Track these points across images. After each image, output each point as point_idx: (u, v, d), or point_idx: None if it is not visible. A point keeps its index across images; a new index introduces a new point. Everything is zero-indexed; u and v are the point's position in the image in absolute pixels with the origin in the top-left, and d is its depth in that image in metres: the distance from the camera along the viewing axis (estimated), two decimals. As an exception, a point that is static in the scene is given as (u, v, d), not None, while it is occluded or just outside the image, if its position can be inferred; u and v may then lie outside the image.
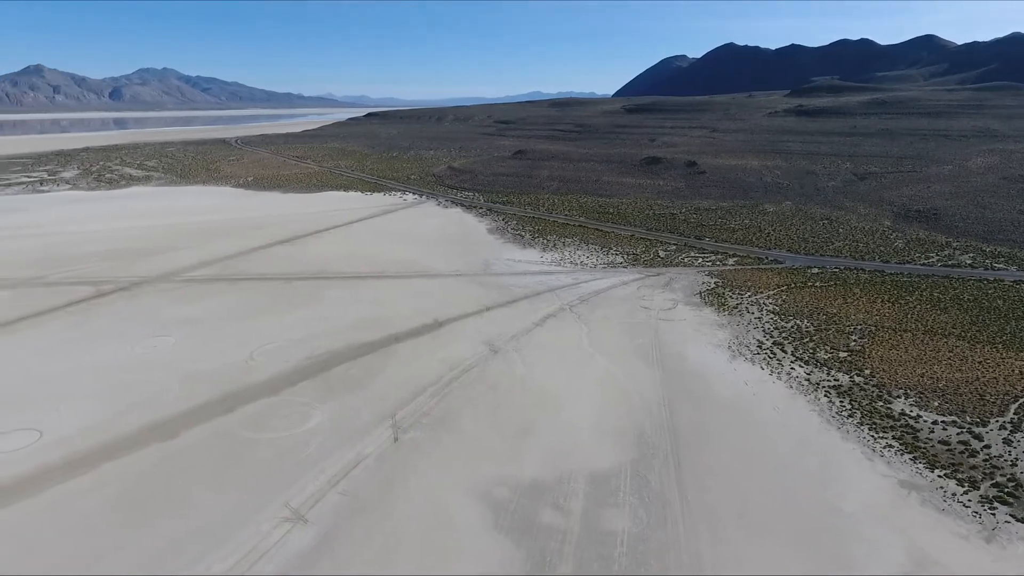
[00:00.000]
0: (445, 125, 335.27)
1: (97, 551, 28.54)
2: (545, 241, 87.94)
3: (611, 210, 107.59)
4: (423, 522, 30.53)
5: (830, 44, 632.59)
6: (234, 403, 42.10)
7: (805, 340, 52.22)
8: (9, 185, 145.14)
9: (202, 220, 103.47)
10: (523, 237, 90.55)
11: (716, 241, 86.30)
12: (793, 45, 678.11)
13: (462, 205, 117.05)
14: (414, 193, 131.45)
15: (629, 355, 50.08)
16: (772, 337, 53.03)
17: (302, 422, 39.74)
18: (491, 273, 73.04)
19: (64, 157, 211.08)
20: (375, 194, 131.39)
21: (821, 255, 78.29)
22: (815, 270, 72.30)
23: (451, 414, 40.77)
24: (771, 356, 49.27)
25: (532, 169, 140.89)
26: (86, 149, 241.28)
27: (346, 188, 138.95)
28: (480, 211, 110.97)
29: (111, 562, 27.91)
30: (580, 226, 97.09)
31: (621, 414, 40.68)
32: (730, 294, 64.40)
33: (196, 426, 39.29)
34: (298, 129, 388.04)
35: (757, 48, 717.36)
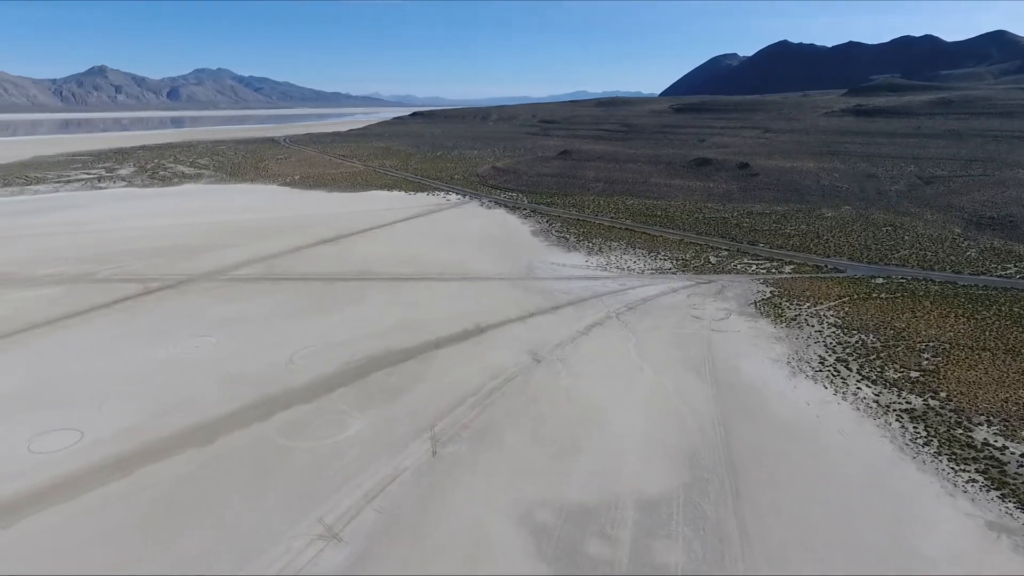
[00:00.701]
0: (489, 125, 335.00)
1: (125, 561, 27.78)
2: (590, 244, 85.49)
3: (659, 213, 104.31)
4: (461, 546, 28.82)
5: (890, 41, 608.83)
6: (272, 408, 41.28)
7: (871, 357, 48.57)
8: (70, 182, 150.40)
9: (248, 218, 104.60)
10: (567, 240, 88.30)
11: (771, 247, 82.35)
12: (851, 43, 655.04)
13: (505, 206, 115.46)
14: (457, 193, 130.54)
15: (680, 368, 47.42)
16: (835, 353, 49.55)
17: (339, 431, 38.56)
18: (534, 277, 71.09)
19: (122, 155, 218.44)
20: (419, 194, 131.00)
21: (886, 264, 73.69)
22: (880, 280, 67.94)
23: (492, 427, 39.00)
24: (835, 374, 45.90)
25: (577, 170, 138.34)
26: (143, 147, 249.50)
27: (390, 188, 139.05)
28: (524, 212, 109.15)
29: (137, 572, 27.09)
30: (627, 229, 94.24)
31: (672, 433, 38.19)
32: (788, 304, 60.86)
33: (233, 431, 38.55)
34: (344, 128, 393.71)
35: (812, 46, 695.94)
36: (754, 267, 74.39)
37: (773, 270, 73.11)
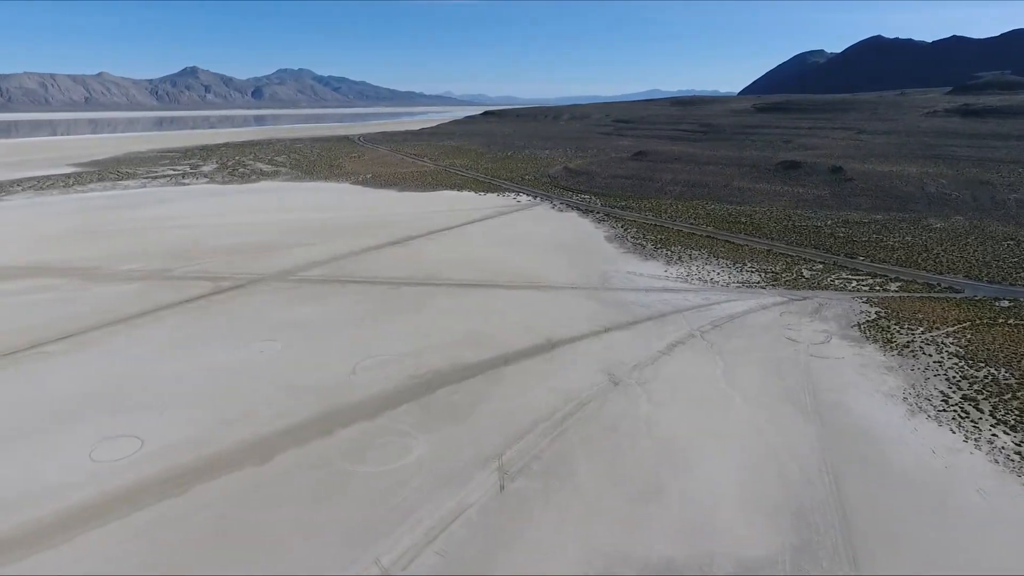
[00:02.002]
0: (561, 124, 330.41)
1: (172, 599, 25.81)
2: (669, 253, 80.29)
3: (743, 219, 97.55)
4: (531, 608, 25.34)
5: (1000, 35, 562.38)
6: (333, 424, 39.11)
7: (1006, 396, 41.87)
8: (157, 178, 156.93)
9: (320, 217, 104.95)
10: (644, 247, 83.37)
11: (872, 261, 74.80)
12: (954, 37, 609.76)
13: (578, 209, 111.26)
14: (528, 194, 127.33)
15: (776, 400, 42.27)
16: (960, 389, 43.08)
17: (401, 455, 35.86)
18: (609, 288, 66.82)
19: (206, 152, 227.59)
20: (488, 195, 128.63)
21: (1011, 284, 65.22)
22: (1005, 303, 59.92)
23: (565, 460, 35.33)
24: (963, 415, 39.65)
25: (653, 172, 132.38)
26: (226, 144, 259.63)
27: (460, 188, 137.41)
28: (597, 216, 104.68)
29: (184, 616, 25.02)
30: (708, 237, 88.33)
31: (771, 480, 33.40)
32: (897, 328, 54.18)
33: (292, 448, 36.52)
34: (417, 127, 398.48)
35: (910, 41, 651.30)
36: (854, 283, 67.40)
37: (877, 287, 65.97)
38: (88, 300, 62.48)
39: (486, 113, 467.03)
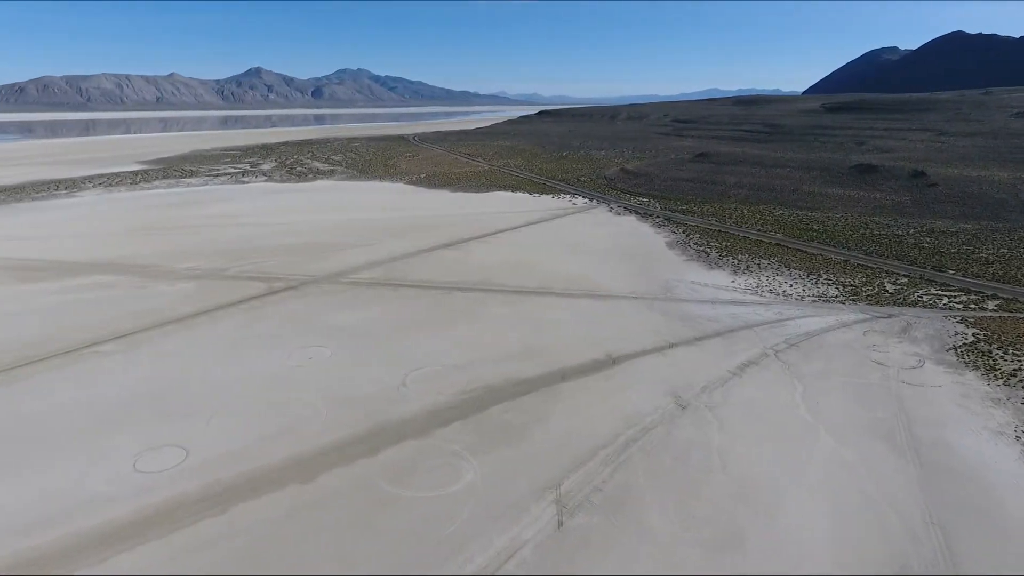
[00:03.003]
0: (618, 124, 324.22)
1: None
2: (736, 261, 75.53)
3: (815, 227, 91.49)
4: (595, 675, 22.30)
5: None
6: (380, 442, 36.97)
7: None
8: (218, 175, 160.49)
9: (374, 217, 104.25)
10: (708, 255, 78.79)
11: (964, 275, 68.29)
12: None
13: (636, 212, 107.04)
14: (584, 196, 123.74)
15: (865, 434, 37.84)
16: (1084, 430, 37.63)
17: (451, 480, 33.35)
18: (673, 298, 62.87)
19: (266, 150, 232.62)
20: (543, 196, 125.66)
21: None
22: None
23: (629, 494, 32.09)
24: (1091, 462, 34.39)
25: (716, 174, 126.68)
26: (285, 143, 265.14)
27: (514, 189, 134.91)
28: (657, 220, 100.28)
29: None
30: (777, 245, 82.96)
31: (868, 532, 29.31)
32: (1001, 353, 48.51)
33: (336, 468, 34.52)
34: (471, 126, 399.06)
35: (994, 36, 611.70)
36: (945, 300, 61.39)
37: (972, 305, 59.84)
38: (145, 299, 62.69)
39: (541, 113, 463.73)
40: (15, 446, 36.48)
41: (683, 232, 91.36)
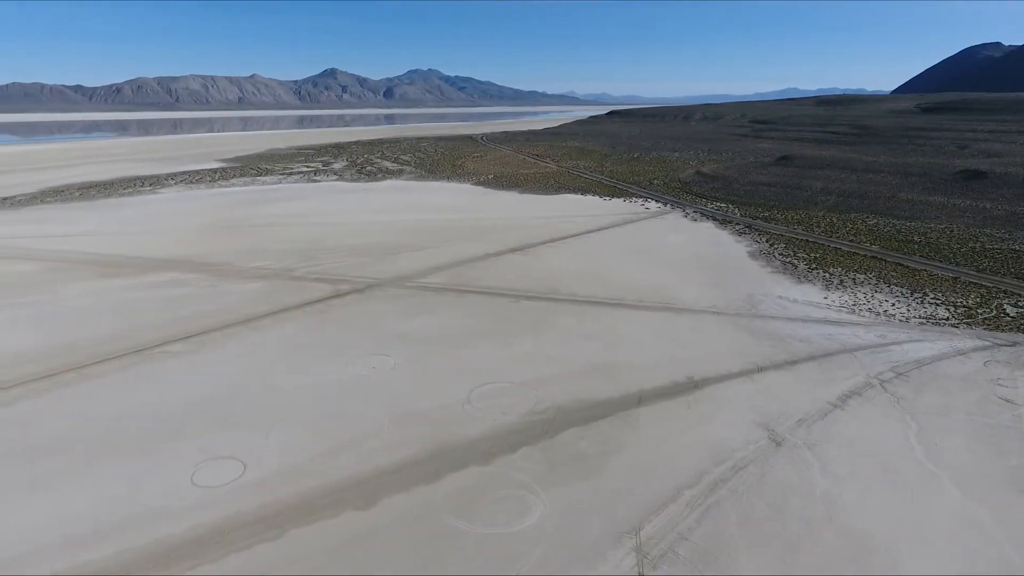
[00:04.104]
0: (692, 125, 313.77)
1: None
2: (827, 275, 69.42)
3: (916, 238, 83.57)
4: None
5: None
6: (442, 466, 34.50)
7: None
8: (291, 174, 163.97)
9: (441, 218, 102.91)
10: (796, 267, 72.87)
11: (1100, 298, 60.02)
12: None
13: (714, 218, 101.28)
14: (657, 200, 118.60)
15: (999, 486, 32.51)
16: None
17: (518, 516, 30.46)
18: (758, 314, 57.90)
19: (338, 149, 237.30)
20: (614, 199, 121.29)
21: None
22: None
23: (720, 547, 28.28)
24: None
25: (801, 179, 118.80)
26: (356, 142, 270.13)
27: (584, 191, 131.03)
28: (737, 227, 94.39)
29: None
30: (874, 258, 75.98)
31: (1017, 616, 24.49)
32: None
33: (397, 493, 32.22)
34: (540, 127, 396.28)
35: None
36: (1080, 327, 53.85)
37: (1114, 335, 52.17)
38: (215, 298, 62.92)
39: (611, 113, 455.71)
40: (80, 449, 36.09)
41: (766, 241, 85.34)
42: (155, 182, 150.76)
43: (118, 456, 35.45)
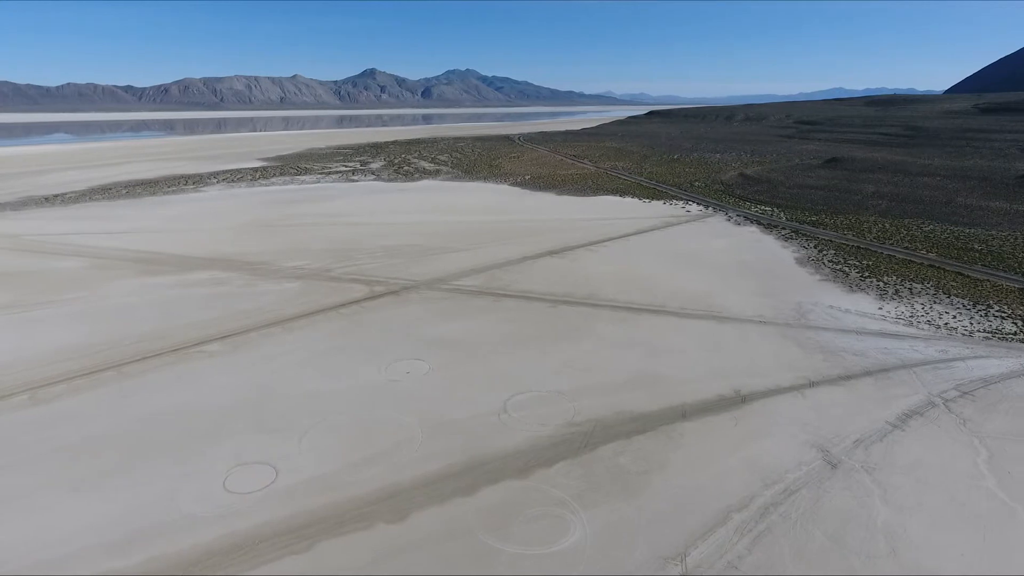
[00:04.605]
0: (734, 125, 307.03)
1: None
2: (881, 284, 66.05)
3: (976, 246, 79.16)
4: None
5: None
6: (477, 479, 33.25)
7: None
8: (329, 173, 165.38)
9: (477, 220, 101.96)
10: (847, 275, 69.58)
11: None
12: None
13: (759, 222, 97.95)
14: (698, 203, 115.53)
15: (1084, 524, 29.68)
16: None
17: (556, 535, 29.00)
18: (808, 325, 55.18)
19: (376, 149, 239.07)
20: (654, 202, 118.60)
21: None
22: None
23: (773, 579, 26.35)
24: None
25: (851, 182, 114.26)
26: (394, 142, 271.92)
27: (622, 193, 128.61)
28: (783, 232, 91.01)
29: None
30: (932, 266, 72.11)
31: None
32: None
33: (430, 507, 31.09)
34: (577, 127, 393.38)
35: None
36: None
37: None
38: (252, 297, 63.02)
39: (650, 113, 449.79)
40: (118, 450, 35.96)
41: (815, 247, 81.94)
42: (198, 180, 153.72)
43: (154, 458, 35.17)
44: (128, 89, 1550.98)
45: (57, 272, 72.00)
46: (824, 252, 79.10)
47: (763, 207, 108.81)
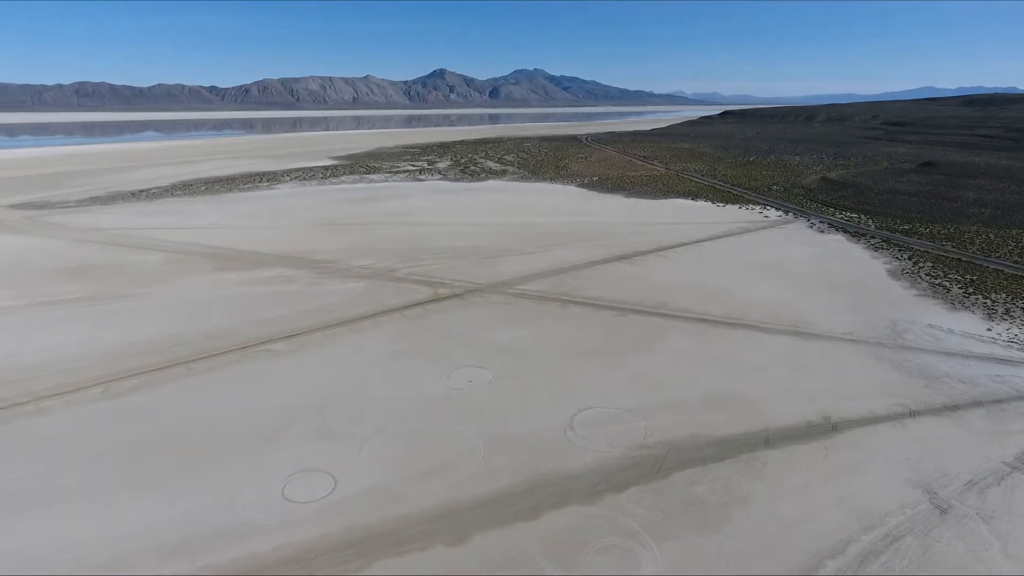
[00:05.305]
0: (815, 126, 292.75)
1: None
2: (989, 302, 59.91)
3: (1100, 262, 71.00)
4: None
5: None
6: (541, 501, 31.23)
7: None
8: (397, 173, 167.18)
9: (544, 222, 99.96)
10: (948, 290, 63.58)
11: None
12: None
13: (845, 230, 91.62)
14: (777, 208, 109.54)
15: None
16: None
17: (626, 571, 26.64)
18: (905, 346, 50.33)
19: (443, 149, 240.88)
20: (729, 206, 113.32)
21: None
22: None
23: (877, 644, 23.12)
24: None
25: (948, 188, 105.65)
26: (461, 142, 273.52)
27: (694, 196, 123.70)
28: (872, 241, 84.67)
29: None
30: (1047, 283, 65.01)
31: None
32: None
33: (491, 530, 29.31)
34: (647, 127, 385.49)
35: None
36: None
37: None
38: (318, 296, 63.20)
39: (724, 113, 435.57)
40: (181, 450, 35.96)
41: (909, 258, 75.60)
42: (272, 178, 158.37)
43: (216, 460, 34.93)
44: (212, 89, 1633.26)
45: (137, 266, 74.65)
46: (920, 264, 72.80)
47: (849, 213, 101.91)
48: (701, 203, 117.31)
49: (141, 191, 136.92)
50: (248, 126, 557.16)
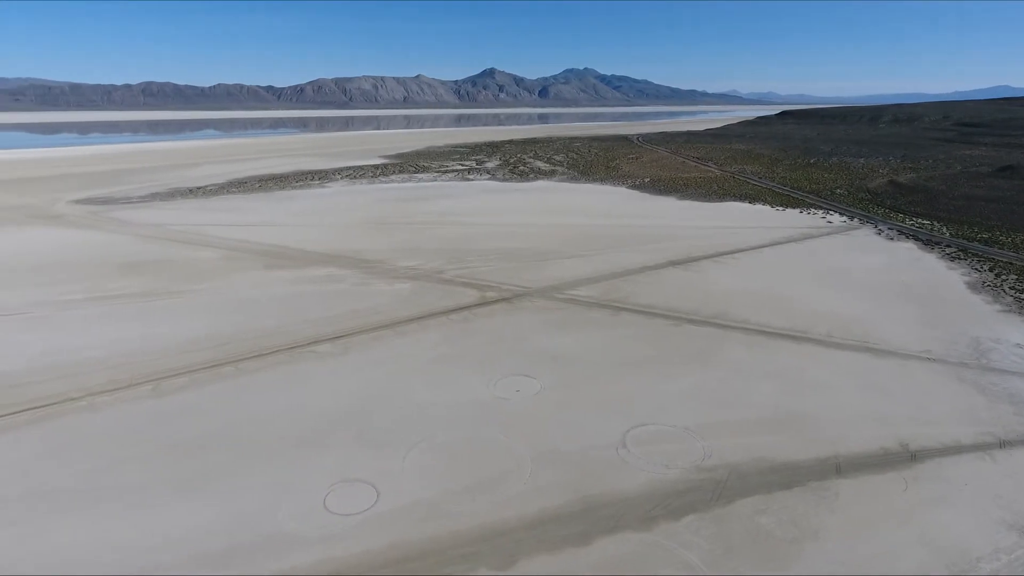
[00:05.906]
0: (880, 127, 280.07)
1: None
2: (1084, 320, 54.84)
3: None
4: None
5: None
6: (592, 525, 29.39)
7: None
8: (446, 172, 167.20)
9: (594, 223, 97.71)
10: (1036, 306, 58.61)
11: None
12: None
13: (916, 238, 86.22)
14: (841, 213, 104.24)
15: None
16: None
17: (685, 612, 24.56)
18: (990, 367, 46.26)
19: (492, 148, 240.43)
20: (789, 210, 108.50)
21: None
22: None
23: None
24: None
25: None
26: (510, 141, 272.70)
27: (752, 199, 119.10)
28: (948, 251, 79.29)
29: None
30: None
31: None
32: None
33: (538, 555, 27.66)
34: (700, 127, 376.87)
35: None
36: None
37: None
38: (365, 296, 62.78)
39: (782, 114, 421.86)
40: (225, 452, 35.57)
41: (990, 270, 70.28)
42: (323, 176, 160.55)
43: (259, 464, 34.34)
44: (269, 89, 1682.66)
45: (191, 262, 75.97)
46: (1003, 277, 67.54)
47: (920, 220, 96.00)
48: (759, 207, 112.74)
49: (198, 188, 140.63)
50: (302, 125, 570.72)
